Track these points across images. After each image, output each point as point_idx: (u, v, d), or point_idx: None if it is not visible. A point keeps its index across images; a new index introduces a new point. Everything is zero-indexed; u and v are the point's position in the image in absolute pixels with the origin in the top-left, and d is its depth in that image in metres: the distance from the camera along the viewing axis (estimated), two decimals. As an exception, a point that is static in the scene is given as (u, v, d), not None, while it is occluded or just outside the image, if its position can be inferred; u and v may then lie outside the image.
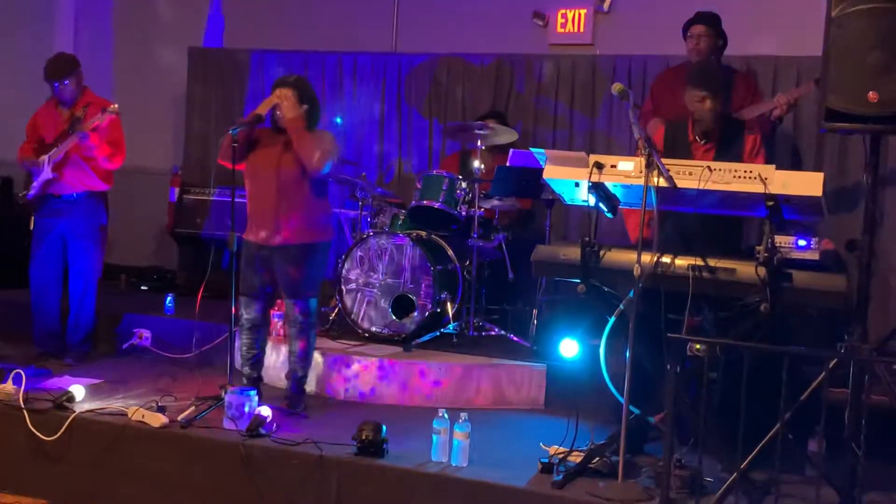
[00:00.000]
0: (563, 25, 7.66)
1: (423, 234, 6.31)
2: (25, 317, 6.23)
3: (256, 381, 5.30)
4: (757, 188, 4.01)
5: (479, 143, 6.23)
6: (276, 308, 5.89)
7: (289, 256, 5.10)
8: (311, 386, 5.57)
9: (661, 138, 4.89)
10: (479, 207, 6.18)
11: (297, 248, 5.11)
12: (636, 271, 4.01)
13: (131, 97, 7.87)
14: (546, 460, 4.34)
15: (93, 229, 6.09)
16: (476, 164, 6.20)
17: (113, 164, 6.07)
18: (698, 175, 4.08)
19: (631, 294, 4.10)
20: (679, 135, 4.83)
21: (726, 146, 4.73)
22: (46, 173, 5.93)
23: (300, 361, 5.25)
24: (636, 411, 4.32)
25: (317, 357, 5.69)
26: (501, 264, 6.45)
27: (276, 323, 5.97)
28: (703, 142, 4.84)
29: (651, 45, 7.09)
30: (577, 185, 4.34)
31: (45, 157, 5.94)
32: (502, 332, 6.14)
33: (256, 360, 5.32)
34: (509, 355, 5.85)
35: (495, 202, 6.33)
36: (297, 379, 5.27)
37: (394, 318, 6.11)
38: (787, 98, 5.68)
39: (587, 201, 4.32)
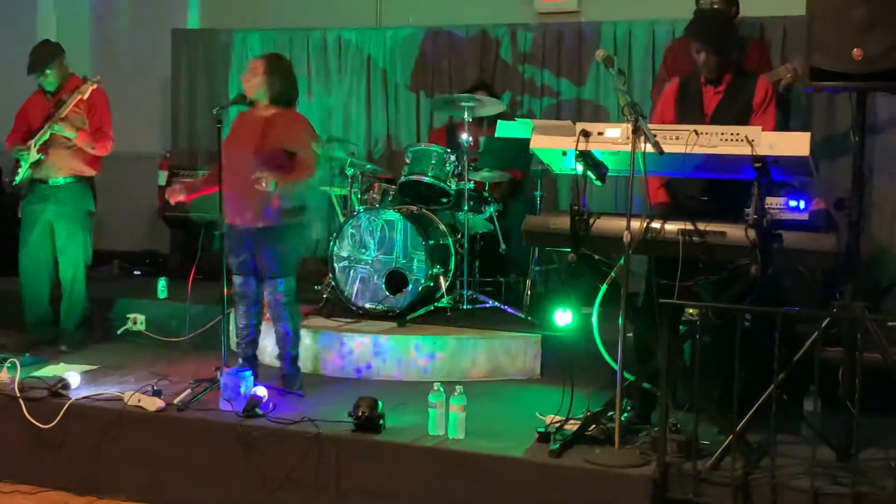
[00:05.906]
0: (549, -7, 7.62)
1: (414, 208, 6.29)
2: (16, 305, 6.22)
3: (252, 361, 5.28)
4: (744, 150, 3.98)
5: (466, 115, 6.20)
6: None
7: (270, 237, 5.04)
8: (306, 364, 5.56)
9: (674, 89, 4.80)
10: (469, 180, 6.16)
11: (279, 229, 5.05)
12: (625, 238, 3.99)
13: (117, 82, 7.82)
14: (543, 430, 4.35)
15: (80, 215, 6.06)
16: (464, 136, 6.17)
17: (101, 151, 6.04)
18: (685, 139, 4.05)
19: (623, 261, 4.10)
20: (691, 82, 4.72)
21: (736, 92, 4.61)
22: (32, 155, 5.92)
23: (290, 340, 5.23)
24: (630, 378, 4.33)
25: (311, 335, 5.69)
26: (493, 236, 6.44)
27: (269, 302, 5.95)
28: (712, 86, 4.74)
29: (636, 11, 7.04)
30: (564, 153, 4.32)
31: (31, 142, 5.94)
32: (496, 304, 6.13)
33: (252, 339, 5.29)
34: (504, 327, 5.85)
35: (485, 174, 6.30)
36: (290, 358, 5.25)
37: (387, 293, 6.10)
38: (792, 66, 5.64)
39: (576, 170, 4.29)
